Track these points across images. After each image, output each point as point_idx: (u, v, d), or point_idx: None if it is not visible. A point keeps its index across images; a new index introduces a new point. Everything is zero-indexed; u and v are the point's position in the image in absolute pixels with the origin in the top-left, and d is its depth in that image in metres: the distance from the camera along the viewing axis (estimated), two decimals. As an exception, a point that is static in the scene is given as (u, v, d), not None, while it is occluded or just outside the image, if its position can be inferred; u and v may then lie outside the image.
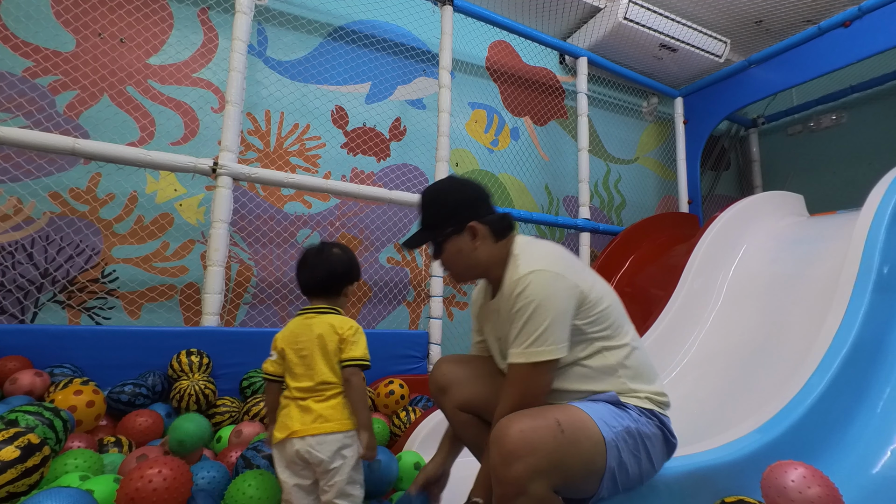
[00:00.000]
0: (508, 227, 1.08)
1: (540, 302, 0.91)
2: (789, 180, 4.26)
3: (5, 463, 0.97)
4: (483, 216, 1.05)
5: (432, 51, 3.16)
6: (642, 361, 1.03)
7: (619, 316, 1.03)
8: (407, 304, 2.90)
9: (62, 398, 1.39)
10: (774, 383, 1.70)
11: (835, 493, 1.02)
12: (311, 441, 1.02)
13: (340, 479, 1.03)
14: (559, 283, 0.94)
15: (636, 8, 3.30)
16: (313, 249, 1.19)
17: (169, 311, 2.28)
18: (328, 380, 1.08)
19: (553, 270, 0.94)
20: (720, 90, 3.71)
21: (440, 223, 1.06)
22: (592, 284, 0.99)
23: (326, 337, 1.10)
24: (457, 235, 1.05)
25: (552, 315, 0.91)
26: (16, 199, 2.06)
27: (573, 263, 1.01)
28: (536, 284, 0.93)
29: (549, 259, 0.98)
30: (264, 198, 2.57)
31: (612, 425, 0.90)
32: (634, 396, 0.98)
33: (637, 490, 0.99)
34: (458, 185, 1.10)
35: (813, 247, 2.30)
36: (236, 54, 2.14)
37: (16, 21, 2.13)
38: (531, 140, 3.57)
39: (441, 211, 1.06)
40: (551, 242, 1.07)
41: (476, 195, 1.09)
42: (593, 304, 0.97)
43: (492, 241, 1.05)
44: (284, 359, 1.12)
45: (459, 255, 1.06)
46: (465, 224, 1.04)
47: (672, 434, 1.01)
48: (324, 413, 1.05)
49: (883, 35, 2.80)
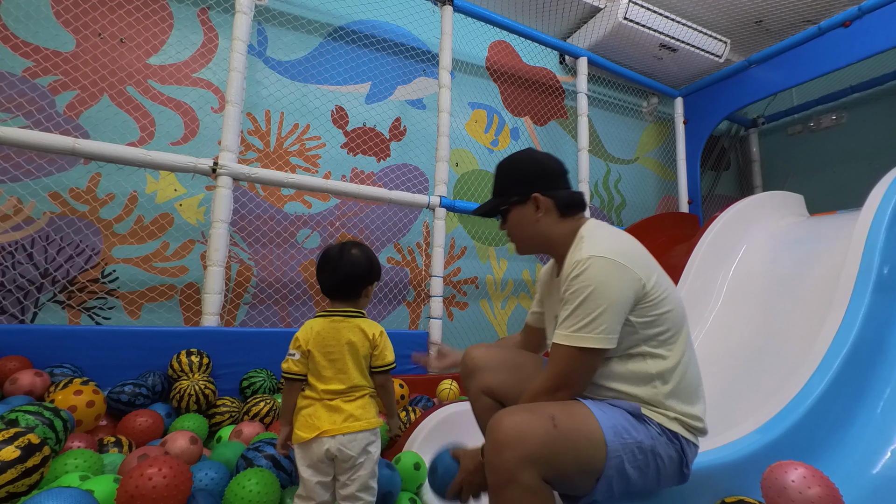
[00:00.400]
0: (577, 204, 1.06)
1: (596, 287, 0.89)
2: (789, 180, 4.26)
3: (5, 463, 0.97)
4: (551, 189, 1.04)
5: (432, 51, 3.17)
6: (687, 381, 0.97)
7: (678, 326, 0.98)
8: (407, 304, 2.90)
9: (62, 398, 1.39)
10: (774, 383, 1.70)
11: (835, 494, 1.02)
12: (343, 439, 1.06)
13: (365, 473, 1.08)
14: (620, 272, 0.90)
15: (636, 8, 3.30)
16: (333, 251, 1.18)
17: (169, 311, 2.28)
18: (360, 384, 1.13)
19: (616, 259, 0.91)
20: (720, 90, 3.71)
21: (506, 191, 1.07)
22: (658, 284, 0.95)
23: (358, 343, 1.13)
24: (521, 205, 1.05)
25: (607, 303, 0.88)
26: (16, 199, 2.06)
27: (641, 256, 0.97)
28: (595, 269, 0.90)
29: (615, 247, 0.94)
30: (264, 198, 2.57)
31: (622, 435, 0.88)
32: (662, 413, 0.94)
33: (637, 497, 0.99)
34: (531, 156, 1.10)
35: (813, 247, 2.30)
36: (236, 54, 2.14)
37: (16, 21, 2.13)
38: (531, 140, 3.57)
39: (509, 179, 1.07)
40: (622, 231, 1.04)
41: (548, 168, 1.08)
42: (654, 304, 0.93)
43: (556, 216, 1.04)
44: (309, 359, 1.13)
45: (521, 226, 1.06)
46: (530, 194, 1.03)
47: (687, 465, 0.96)
48: (354, 413, 1.09)
49: (883, 35, 2.80)
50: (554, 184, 1.06)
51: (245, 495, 1.10)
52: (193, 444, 1.35)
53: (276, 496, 1.14)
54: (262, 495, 1.11)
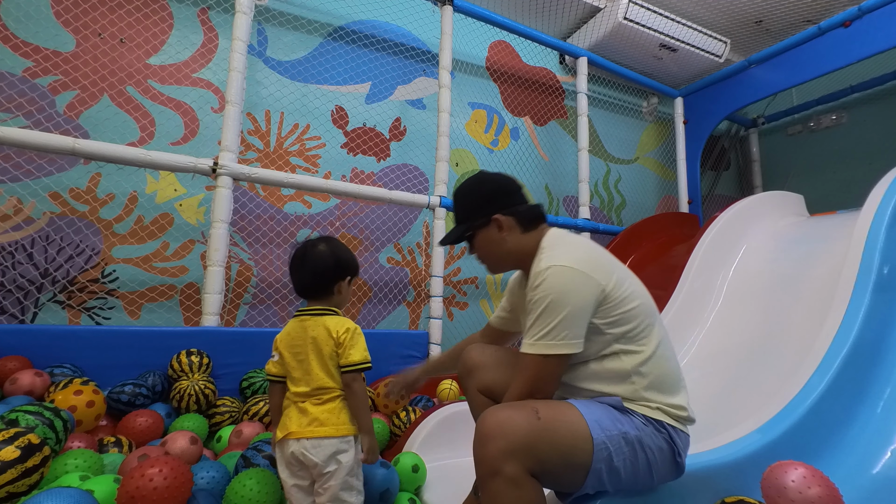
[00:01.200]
0: (537, 217, 1.09)
1: (555, 295, 0.91)
2: (789, 180, 4.26)
3: (5, 463, 0.97)
4: (510, 208, 1.07)
5: (432, 51, 3.16)
6: (664, 371, 0.99)
7: (647, 320, 1.00)
8: (407, 304, 2.90)
9: (62, 398, 1.39)
10: (774, 383, 1.70)
11: (835, 494, 1.01)
12: (306, 444, 1.03)
13: (335, 484, 1.02)
14: (578, 279, 0.93)
15: (636, 8, 3.30)
16: (300, 248, 1.15)
17: (169, 311, 2.28)
18: (325, 385, 1.07)
19: (574, 267, 0.94)
20: (720, 90, 3.71)
21: (468, 217, 1.09)
22: (620, 284, 0.97)
23: (321, 341, 1.08)
24: (485, 228, 1.08)
25: (567, 310, 0.91)
26: (16, 199, 2.06)
27: (600, 261, 0.99)
28: (554, 278, 0.93)
29: (574, 255, 0.97)
30: (264, 198, 2.57)
31: (607, 427, 0.89)
32: (644, 405, 0.96)
33: (635, 492, 0.99)
34: (484, 179, 1.12)
35: (813, 247, 2.30)
36: (236, 54, 2.14)
37: (16, 21, 2.13)
38: (531, 140, 3.57)
39: (468, 205, 1.10)
40: (583, 238, 1.07)
41: (503, 187, 1.10)
42: (616, 303, 0.95)
43: (520, 232, 1.07)
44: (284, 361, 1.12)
45: (489, 248, 1.09)
46: (491, 216, 1.06)
47: (680, 454, 0.97)
48: (319, 416, 1.05)
49: (883, 35, 2.80)
50: (512, 201, 1.09)
51: (245, 493, 1.10)
52: (193, 444, 1.35)
53: (277, 496, 1.14)
54: (263, 494, 1.11)
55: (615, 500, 0.97)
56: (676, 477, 1.00)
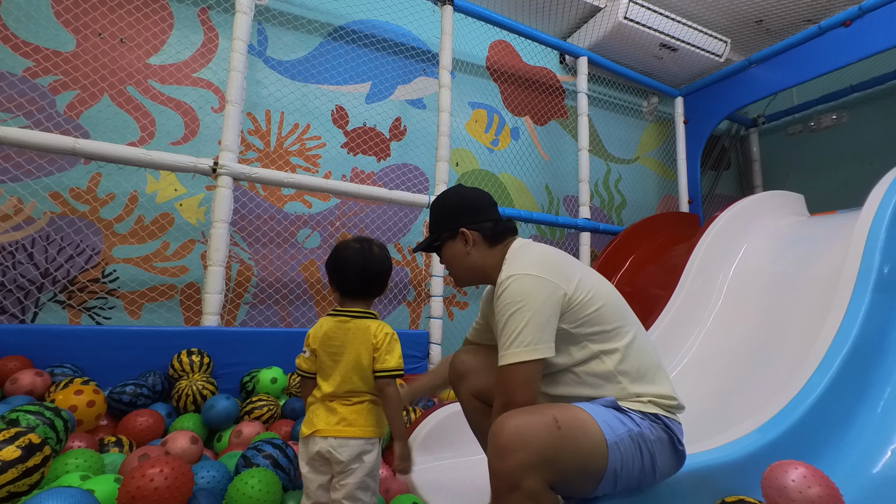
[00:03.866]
0: (503, 233, 1.11)
1: (518, 305, 0.93)
2: (789, 180, 4.26)
3: (6, 462, 0.97)
4: (478, 222, 1.09)
5: (432, 50, 3.16)
6: (645, 362, 1.00)
7: (618, 316, 1.01)
8: (407, 304, 2.90)
9: (63, 398, 1.39)
10: (774, 383, 1.70)
11: (835, 493, 1.02)
12: (333, 442, 1.04)
13: (353, 482, 1.03)
14: (538, 285, 0.95)
15: (636, 7, 3.30)
16: (353, 248, 1.12)
17: (169, 311, 2.28)
18: (357, 388, 1.08)
19: (533, 273, 0.96)
20: (720, 90, 3.71)
21: (438, 228, 1.12)
22: (582, 286, 0.98)
23: (361, 346, 1.08)
24: (451, 241, 1.11)
25: (528, 317, 0.92)
26: (16, 198, 2.06)
27: (561, 266, 1.00)
28: (514, 286, 0.95)
29: (532, 263, 0.99)
30: (264, 198, 2.57)
31: (615, 427, 0.89)
32: (636, 401, 0.96)
33: (637, 490, 0.99)
34: (456, 193, 1.16)
35: (813, 246, 2.30)
36: (236, 54, 2.14)
37: (16, 21, 2.13)
38: (531, 140, 3.57)
39: (439, 217, 1.14)
40: (544, 245, 1.09)
41: (473, 202, 1.13)
42: (581, 306, 0.97)
43: (486, 247, 1.10)
44: (316, 358, 1.12)
45: (455, 259, 1.12)
46: (458, 229, 1.09)
47: (679, 442, 0.98)
48: (348, 417, 1.06)
49: (883, 34, 2.80)
50: (480, 216, 1.11)
51: (248, 492, 1.10)
52: (194, 443, 1.35)
53: (279, 496, 1.14)
54: (266, 493, 1.11)
55: (615, 499, 0.97)
56: (678, 466, 1.01)
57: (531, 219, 2.89)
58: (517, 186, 3.40)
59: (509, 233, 1.12)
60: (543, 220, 2.97)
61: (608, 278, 2.90)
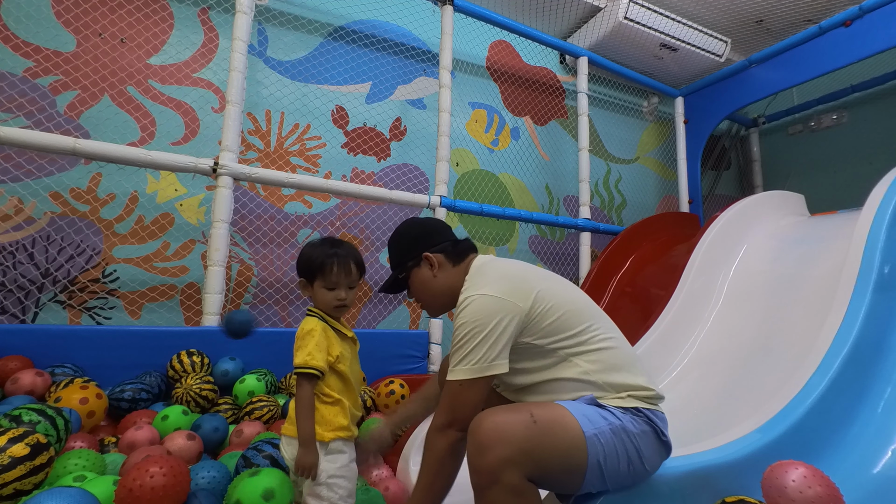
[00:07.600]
0: (464, 250, 1.13)
1: (472, 325, 0.95)
2: (790, 180, 4.26)
3: (16, 459, 0.99)
4: (438, 244, 1.11)
5: (432, 50, 3.16)
6: (618, 358, 1.01)
7: (583, 318, 1.01)
8: (407, 304, 2.90)
9: (67, 397, 1.39)
10: (775, 383, 1.70)
11: (835, 493, 1.01)
12: (283, 439, 1.07)
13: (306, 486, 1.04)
14: (493, 305, 0.96)
15: (636, 7, 3.30)
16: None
17: (169, 311, 2.28)
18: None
19: (489, 294, 0.97)
20: (721, 90, 3.71)
21: (400, 262, 1.14)
22: (540, 298, 0.99)
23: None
24: (417, 268, 1.12)
25: (480, 336, 0.94)
26: (17, 199, 2.06)
27: (519, 282, 1.01)
28: (470, 308, 0.97)
29: (489, 283, 1.00)
30: (265, 198, 2.57)
31: (594, 420, 0.90)
32: (616, 397, 0.97)
33: (637, 489, 0.99)
34: (411, 223, 1.18)
35: (813, 246, 2.30)
36: (237, 54, 2.14)
37: (16, 21, 2.13)
38: (531, 140, 3.57)
39: (398, 249, 1.15)
40: (503, 261, 1.10)
41: (429, 226, 1.16)
42: (541, 317, 0.98)
43: (450, 267, 1.12)
44: None
45: (424, 287, 1.13)
46: (421, 255, 1.11)
47: (664, 433, 0.98)
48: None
49: (883, 34, 2.80)
50: (438, 239, 1.13)
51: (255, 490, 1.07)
52: (191, 440, 1.34)
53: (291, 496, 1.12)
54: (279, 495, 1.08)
55: (616, 499, 0.97)
56: (665, 457, 1.02)
57: (531, 219, 2.89)
58: (517, 186, 3.39)
59: (470, 250, 1.15)
60: (543, 220, 2.97)
61: (608, 279, 2.95)
